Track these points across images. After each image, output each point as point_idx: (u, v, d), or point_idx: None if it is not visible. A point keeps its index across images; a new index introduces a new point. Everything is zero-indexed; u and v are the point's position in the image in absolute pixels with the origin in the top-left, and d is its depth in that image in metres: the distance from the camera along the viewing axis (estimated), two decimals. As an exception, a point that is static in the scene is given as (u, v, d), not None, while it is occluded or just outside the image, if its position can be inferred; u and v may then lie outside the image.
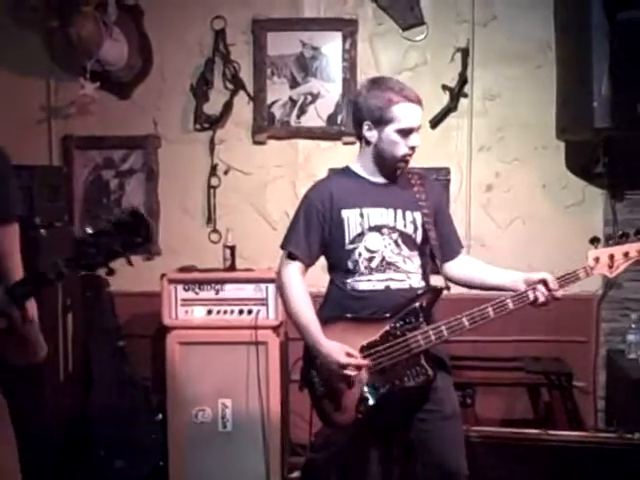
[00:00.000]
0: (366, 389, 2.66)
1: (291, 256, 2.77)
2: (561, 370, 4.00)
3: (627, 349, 4.01)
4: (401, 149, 2.67)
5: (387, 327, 2.66)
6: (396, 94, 2.65)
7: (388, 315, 2.67)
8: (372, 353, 2.66)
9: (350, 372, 2.62)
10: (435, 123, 4.18)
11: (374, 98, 2.67)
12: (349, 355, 2.62)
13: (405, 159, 2.71)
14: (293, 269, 2.76)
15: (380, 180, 2.77)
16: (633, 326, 4.00)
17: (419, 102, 2.69)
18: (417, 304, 2.65)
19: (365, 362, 2.64)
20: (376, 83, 2.75)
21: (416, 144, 2.68)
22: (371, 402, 2.66)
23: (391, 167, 2.74)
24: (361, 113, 2.72)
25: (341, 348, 2.63)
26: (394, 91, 2.66)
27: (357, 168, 2.80)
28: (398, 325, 2.66)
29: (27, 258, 3.40)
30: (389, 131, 2.66)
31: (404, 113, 2.64)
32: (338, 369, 2.62)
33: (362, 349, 2.66)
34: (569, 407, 3.96)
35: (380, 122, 2.66)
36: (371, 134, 2.70)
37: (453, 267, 2.85)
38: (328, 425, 2.82)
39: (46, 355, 2.15)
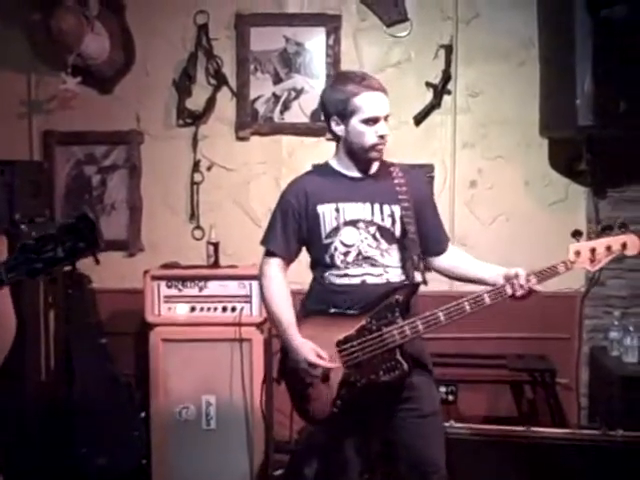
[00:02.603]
0: (342, 384, 2.66)
1: (270, 253, 2.80)
2: (544, 367, 4.01)
3: (610, 346, 4.03)
4: (369, 139, 2.67)
5: (363, 322, 2.67)
6: (357, 85, 2.65)
7: (364, 310, 2.67)
8: (348, 347, 2.66)
9: (314, 372, 2.64)
10: (419, 120, 4.18)
11: (336, 92, 2.69)
12: (319, 356, 2.63)
13: (376, 149, 2.69)
14: (272, 265, 2.80)
15: (356, 174, 2.77)
16: (616, 323, 4.03)
17: (382, 90, 2.69)
18: (393, 299, 2.65)
19: (333, 365, 2.65)
20: (338, 77, 2.81)
21: (384, 132, 2.68)
22: (347, 397, 2.65)
23: (364, 159, 2.73)
24: (327, 109, 2.74)
25: (311, 347, 2.65)
26: (354, 82, 2.66)
27: (334, 163, 2.81)
28: (374, 320, 2.66)
29: (8, 255, 3.38)
30: (354, 123, 2.66)
31: (367, 102, 2.64)
32: (305, 366, 2.64)
33: (338, 343, 2.67)
34: (552, 404, 3.97)
35: (345, 115, 2.67)
36: (339, 128, 2.71)
37: (441, 259, 2.86)
38: (305, 419, 2.84)
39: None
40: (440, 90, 4.14)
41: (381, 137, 2.68)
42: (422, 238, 2.77)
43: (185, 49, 4.23)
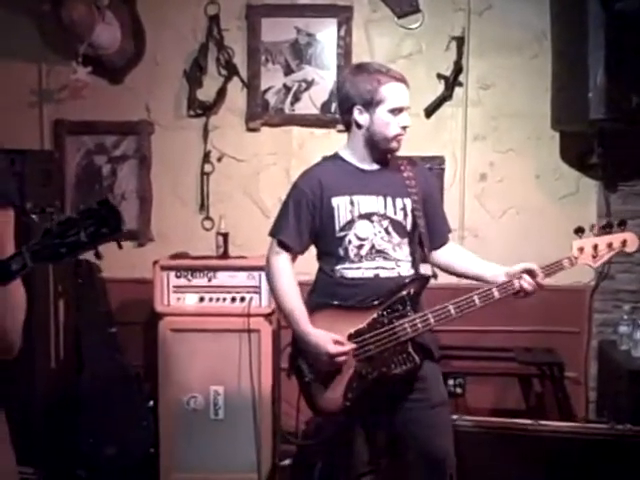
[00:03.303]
0: (354, 376, 2.67)
1: (281, 244, 2.78)
2: (553, 360, 4.01)
3: (619, 340, 4.02)
4: (393, 129, 2.68)
5: (375, 315, 2.67)
6: (383, 75, 2.68)
7: (376, 303, 2.68)
8: (359, 341, 2.67)
9: (340, 360, 2.64)
10: (430, 112, 4.17)
11: (362, 82, 2.69)
12: (337, 343, 2.64)
13: (397, 139, 2.71)
14: (282, 258, 2.78)
15: (369, 167, 2.78)
16: (625, 317, 4.02)
17: (405, 82, 2.72)
18: (404, 292, 2.66)
19: (353, 345, 2.66)
20: (361, 67, 2.79)
21: (407, 123, 2.70)
22: (358, 390, 2.66)
23: (383, 149, 2.74)
24: (350, 98, 2.73)
25: (329, 337, 2.64)
26: (381, 72, 2.69)
27: (346, 155, 2.81)
28: (385, 313, 2.67)
29: (19, 244, 3.39)
30: (380, 112, 2.68)
31: (394, 93, 2.67)
32: (329, 359, 2.64)
33: (350, 337, 2.68)
34: (560, 398, 3.97)
35: (371, 104, 2.68)
36: (363, 117, 2.71)
37: (440, 253, 2.88)
38: (316, 413, 2.84)
39: (18, 352, 2.07)
40: (451, 82, 4.13)
41: (403, 128, 2.70)
42: (428, 229, 2.79)
43: (196, 40, 4.22)
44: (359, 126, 2.73)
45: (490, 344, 4.13)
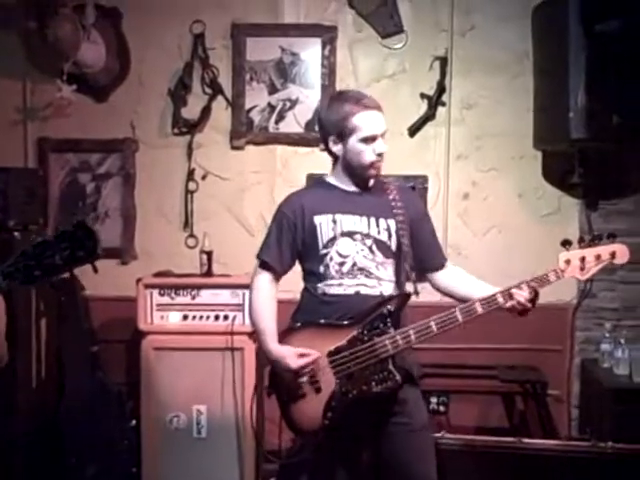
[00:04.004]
0: (334, 395, 2.66)
1: (262, 264, 2.82)
2: (536, 378, 4.02)
3: (601, 358, 4.04)
4: (368, 157, 2.70)
5: (355, 332, 2.67)
6: (354, 105, 2.69)
7: (356, 320, 2.67)
8: (339, 358, 2.66)
9: (302, 376, 2.65)
10: (413, 131, 4.19)
11: (333, 113, 2.73)
12: (301, 356, 2.65)
13: (374, 166, 2.73)
14: (263, 277, 2.81)
15: (354, 189, 2.80)
16: (607, 335, 4.04)
17: (378, 108, 2.72)
18: (385, 309, 2.65)
19: (317, 355, 2.65)
20: (334, 98, 2.83)
21: (382, 150, 2.71)
22: (338, 408, 2.65)
23: (362, 176, 2.77)
24: (324, 129, 2.78)
25: (291, 352, 2.66)
26: (351, 102, 2.70)
27: (331, 179, 2.84)
28: (366, 330, 2.66)
29: (1, 262, 3.38)
30: (353, 142, 2.70)
31: (364, 122, 2.68)
32: (292, 374, 2.66)
33: (329, 354, 2.67)
34: (543, 415, 3.98)
35: (343, 135, 2.71)
36: (337, 148, 2.74)
37: (440, 277, 2.85)
38: (295, 432, 2.83)
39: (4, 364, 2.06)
40: (435, 102, 4.16)
41: (379, 155, 2.71)
42: (420, 254, 2.80)
43: (181, 58, 4.24)
44: (335, 156, 2.78)
45: (473, 362, 4.14)
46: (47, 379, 4.18)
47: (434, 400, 3.88)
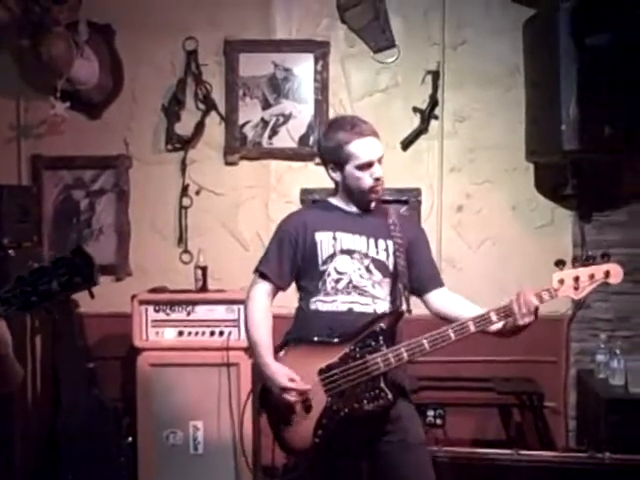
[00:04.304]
0: (325, 412, 2.65)
1: (261, 276, 2.81)
2: (532, 390, 4.02)
3: (597, 369, 4.04)
4: (366, 182, 2.72)
5: (346, 349, 2.65)
6: (347, 133, 2.71)
7: (348, 338, 2.66)
8: (330, 375, 2.65)
9: (290, 397, 2.63)
10: (406, 145, 4.21)
11: (329, 141, 2.76)
12: (291, 380, 2.63)
13: (373, 190, 2.74)
14: (260, 288, 2.80)
15: (355, 210, 2.82)
16: (602, 346, 4.04)
17: (374, 134, 2.74)
18: (377, 326, 2.65)
19: (307, 387, 2.64)
20: (330, 126, 2.84)
21: (379, 175, 2.72)
22: (329, 426, 2.63)
23: (363, 199, 2.79)
24: (322, 157, 2.83)
25: (284, 372, 2.65)
26: (345, 131, 2.72)
27: (334, 201, 2.86)
28: (358, 348, 2.64)
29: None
30: (350, 169, 2.72)
31: (359, 149, 2.69)
32: (280, 392, 2.64)
33: (321, 371, 2.66)
34: (540, 427, 3.98)
35: (339, 163, 2.73)
36: (336, 175, 2.78)
37: (435, 300, 2.82)
38: (286, 451, 2.82)
39: (21, 380, 2.07)
40: (427, 115, 4.18)
41: (377, 179, 2.72)
42: (416, 275, 2.80)
43: (174, 74, 4.26)
44: (335, 182, 2.80)
45: (469, 374, 4.14)
46: (43, 396, 4.16)
47: (430, 413, 3.87)
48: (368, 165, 2.70)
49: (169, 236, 4.32)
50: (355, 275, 2.72)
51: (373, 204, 2.82)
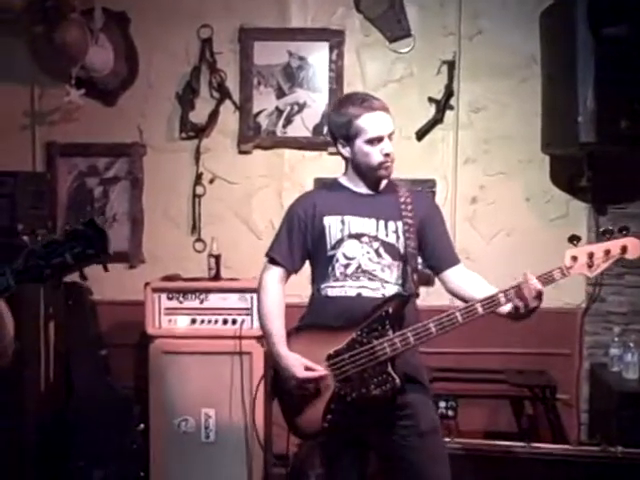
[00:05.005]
0: (333, 397, 2.65)
1: (272, 261, 2.81)
2: (545, 383, 4.01)
3: (610, 362, 4.03)
4: (376, 158, 2.70)
5: (353, 335, 2.65)
6: (357, 107, 2.69)
7: (356, 323, 2.66)
8: (338, 361, 2.65)
9: (308, 386, 2.64)
10: (421, 135, 4.19)
11: (338, 116, 2.74)
12: (308, 369, 2.64)
13: (383, 167, 2.72)
14: (272, 274, 2.80)
15: (365, 190, 2.79)
16: (616, 339, 4.03)
17: (384, 109, 2.71)
18: (383, 311, 2.63)
19: (324, 373, 2.64)
20: (340, 101, 2.85)
21: (389, 150, 2.70)
22: (337, 411, 2.64)
23: (372, 177, 2.76)
24: (332, 132, 2.80)
25: (300, 362, 2.65)
26: (355, 105, 2.70)
27: (343, 181, 2.84)
28: (364, 333, 2.64)
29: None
30: (359, 144, 2.70)
31: (369, 123, 2.67)
32: (297, 384, 2.65)
33: (329, 357, 2.66)
34: (552, 420, 3.96)
35: (349, 138, 2.71)
36: (345, 150, 2.75)
37: (451, 278, 2.80)
38: (296, 435, 2.83)
39: (13, 352, 2.05)
40: (442, 105, 4.16)
41: (387, 155, 2.70)
42: (430, 253, 2.78)
43: (189, 62, 4.25)
44: (345, 158, 2.78)
45: (482, 366, 4.12)
46: (55, 383, 4.18)
47: (443, 405, 3.86)
48: (378, 140, 2.68)
49: (182, 224, 4.32)
50: (364, 259, 2.71)
51: (383, 183, 2.79)
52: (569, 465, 3.32)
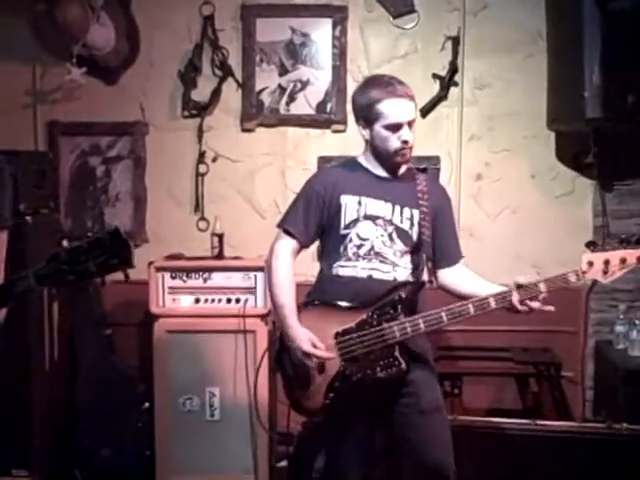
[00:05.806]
0: (337, 376, 2.66)
1: (286, 232, 2.79)
2: (550, 360, 4.01)
3: (615, 340, 4.02)
4: (393, 144, 2.69)
5: (364, 315, 2.66)
6: (381, 91, 2.68)
7: (367, 304, 2.66)
8: (346, 339, 2.66)
9: (310, 362, 2.65)
10: (425, 112, 4.16)
11: (361, 98, 2.74)
12: (314, 346, 2.63)
13: (400, 153, 2.70)
14: (285, 245, 2.78)
15: (383, 174, 2.79)
16: (621, 317, 4.01)
17: (408, 96, 2.70)
18: (396, 295, 2.64)
19: (328, 355, 2.65)
20: (365, 82, 2.81)
21: (407, 138, 2.69)
22: (340, 389, 2.65)
23: (389, 162, 2.76)
24: (355, 112, 2.80)
25: (307, 336, 2.65)
26: (379, 88, 2.69)
27: (362, 160, 2.84)
28: (375, 315, 2.65)
29: (13, 246, 3.37)
30: (378, 128, 2.70)
31: (390, 109, 2.66)
32: (301, 355, 2.66)
33: (337, 335, 2.67)
34: (557, 397, 3.96)
35: (369, 120, 2.71)
36: (365, 132, 2.76)
37: (446, 274, 2.83)
38: (297, 410, 2.85)
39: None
40: (447, 82, 4.12)
41: (405, 142, 2.68)
42: (436, 247, 2.78)
43: (190, 40, 4.21)
44: (365, 140, 2.78)
45: (487, 344, 4.12)
46: (60, 363, 4.19)
47: (447, 382, 3.86)
48: (396, 127, 2.67)
49: (185, 203, 4.31)
50: (378, 242, 2.71)
51: (402, 169, 2.78)
52: (574, 442, 3.32)
